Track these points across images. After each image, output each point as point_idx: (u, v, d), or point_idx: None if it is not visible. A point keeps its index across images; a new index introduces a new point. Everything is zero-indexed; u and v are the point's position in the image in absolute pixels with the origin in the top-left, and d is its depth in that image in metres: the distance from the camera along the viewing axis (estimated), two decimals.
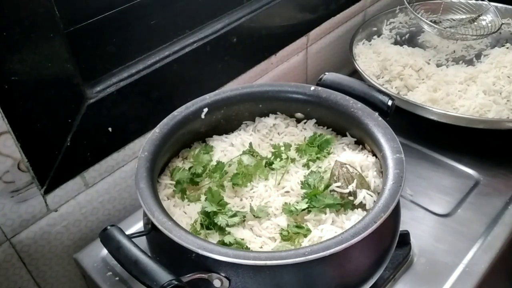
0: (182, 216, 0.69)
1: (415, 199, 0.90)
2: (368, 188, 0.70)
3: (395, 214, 0.69)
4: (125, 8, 0.80)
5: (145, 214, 0.68)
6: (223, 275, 0.58)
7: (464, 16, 1.28)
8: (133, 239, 0.59)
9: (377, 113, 0.74)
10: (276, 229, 0.67)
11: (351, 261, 0.61)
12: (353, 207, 0.68)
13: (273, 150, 0.78)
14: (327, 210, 0.67)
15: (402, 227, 0.71)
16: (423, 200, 0.90)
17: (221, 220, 0.66)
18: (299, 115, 0.84)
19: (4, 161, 0.71)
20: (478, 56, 1.20)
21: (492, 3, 1.24)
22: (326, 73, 0.82)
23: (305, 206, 0.67)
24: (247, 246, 0.64)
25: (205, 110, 0.79)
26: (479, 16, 1.25)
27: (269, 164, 0.75)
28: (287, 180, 0.73)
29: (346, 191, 0.68)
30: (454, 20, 1.29)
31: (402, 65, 1.14)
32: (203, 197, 0.71)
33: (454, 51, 1.22)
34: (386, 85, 1.12)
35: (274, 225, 0.67)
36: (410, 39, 1.29)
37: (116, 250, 0.58)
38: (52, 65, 0.70)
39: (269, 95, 0.82)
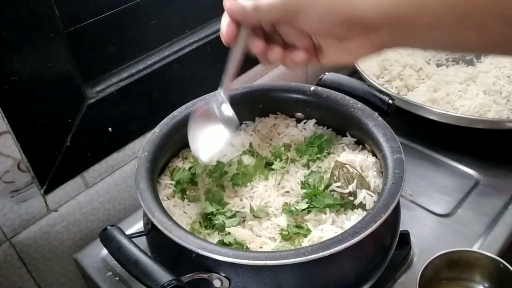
0: (182, 216, 0.69)
1: (415, 199, 0.90)
2: (368, 188, 0.70)
3: (395, 214, 0.69)
4: (125, 8, 0.80)
5: (145, 214, 0.68)
6: (223, 275, 0.58)
7: None
8: (133, 239, 0.59)
9: (377, 113, 0.74)
10: (276, 229, 0.67)
11: (351, 261, 0.61)
12: (353, 207, 0.68)
13: (273, 151, 0.78)
14: (327, 210, 0.67)
15: (402, 227, 0.71)
16: (423, 200, 0.90)
17: (220, 221, 0.66)
18: (299, 115, 0.84)
19: (4, 161, 0.71)
20: (478, 56, 1.19)
21: None
22: (326, 73, 0.82)
23: (305, 206, 0.67)
24: (247, 246, 0.64)
25: None
26: None
27: (269, 164, 0.75)
28: (287, 180, 0.73)
29: (346, 191, 0.68)
30: None
31: (402, 65, 1.14)
32: (203, 197, 0.71)
33: None
34: (386, 85, 1.11)
35: (274, 225, 0.67)
36: None
37: (116, 250, 0.58)
38: (52, 65, 0.71)
39: (269, 95, 0.82)
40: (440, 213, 0.87)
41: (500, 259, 0.70)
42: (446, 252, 0.71)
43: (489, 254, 0.71)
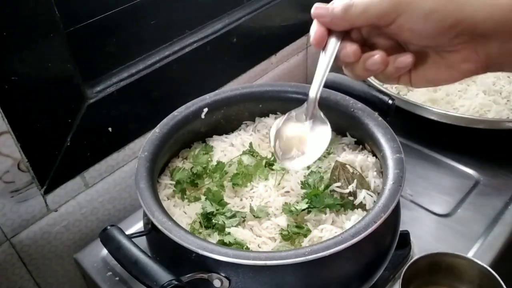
0: (182, 216, 0.69)
1: (415, 199, 0.90)
2: (368, 188, 0.70)
3: (395, 214, 0.69)
4: (125, 8, 0.80)
5: (145, 214, 0.68)
6: (223, 275, 0.58)
7: None
8: (133, 239, 0.59)
9: (377, 113, 0.74)
10: (276, 229, 0.67)
11: (351, 261, 0.61)
12: (353, 207, 0.68)
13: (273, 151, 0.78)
14: (327, 210, 0.67)
15: (402, 227, 0.71)
16: (423, 200, 0.90)
17: (220, 221, 0.66)
18: None
19: (4, 161, 0.71)
20: None
21: None
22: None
23: (305, 206, 0.67)
24: (247, 246, 0.64)
25: (205, 110, 0.79)
26: None
27: (269, 164, 0.75)
28: (287, 180, 0.73)
29: (346, 191, 0.68)
30: None
31: None
32: (203, 197, 0.71)
33: None
34: (386, 85, 1.11)
35: (274, 225, 0.67)
36: None
37: (116, 250, 0.58)
38: (52, 65, 0.71)
39: (269, 95, 0.82)
40: (440, 213, 0.87)
41: (485, 265, 0.69)
42: (429, 254, 0.71)
43: (475, 260, 0.71)
